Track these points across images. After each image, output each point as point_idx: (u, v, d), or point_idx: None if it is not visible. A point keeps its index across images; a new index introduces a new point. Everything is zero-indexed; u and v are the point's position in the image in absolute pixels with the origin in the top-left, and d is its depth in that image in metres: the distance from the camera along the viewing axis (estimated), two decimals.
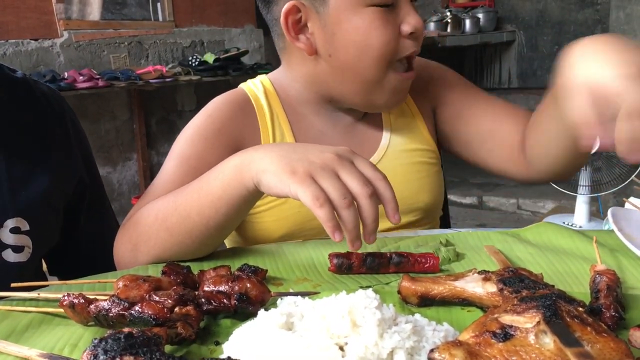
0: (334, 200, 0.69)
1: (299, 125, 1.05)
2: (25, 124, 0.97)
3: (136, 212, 0.90)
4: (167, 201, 0.86)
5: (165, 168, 0.98)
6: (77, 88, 3.48)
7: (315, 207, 0.69)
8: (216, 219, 0.82)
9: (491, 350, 0.50)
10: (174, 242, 0.83)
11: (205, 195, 0.81)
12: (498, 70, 6.00)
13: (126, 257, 0.87)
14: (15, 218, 0.92)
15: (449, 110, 1.11)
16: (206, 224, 0.82)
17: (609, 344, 0.49)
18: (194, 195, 0.83)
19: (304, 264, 0.84)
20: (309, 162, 0.73)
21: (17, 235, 0.92)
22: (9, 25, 3.50)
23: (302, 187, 0.70)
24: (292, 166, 0.72)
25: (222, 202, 0.80)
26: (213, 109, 1.03)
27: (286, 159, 0.74)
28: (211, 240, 0.85)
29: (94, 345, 0.51)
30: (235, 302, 0.65)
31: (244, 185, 0.78)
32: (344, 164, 0.73)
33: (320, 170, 0.71)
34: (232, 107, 1.03)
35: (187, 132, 1.01)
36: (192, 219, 0.82)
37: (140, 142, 4.20)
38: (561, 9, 5.55)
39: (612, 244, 0.85)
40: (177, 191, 0.87)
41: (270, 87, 1.07)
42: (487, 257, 0.82)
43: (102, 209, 1.12)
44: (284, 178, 0.72)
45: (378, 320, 0.54)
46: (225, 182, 0.80)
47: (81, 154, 1.05)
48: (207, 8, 4.57)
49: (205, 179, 0.83)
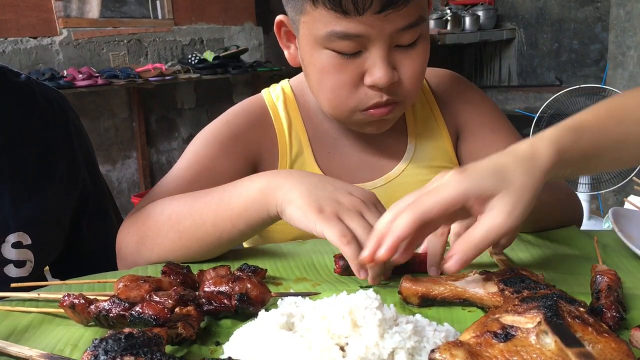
0: (361, 237, 0.70)
1: (317, 134, 1.03)
2: (28, 133, 0.95)
3: (147, 205, 0.89)
4: (183, 204, 0.85)
5: (177, 166, 0.98)
6: (77, 86, 3.49)
7: (342, 245, 0.70)
8: (231, 234, 0.83)
9: (492, 351, 0.50)
10: (182, 245, 0.84)
11: (224, 210, 0.82)
12: (498, 68, 6.00)
13: (130, 248, 0.87)
14: (17, 233, 0.90)
15: (471, 141, 1.05)
16: (219, 236, 0.83)
17: (610, 344, 0.49)
18: (212, 206, 0.83)
19: (303, 264, 0.84)
20: (337, 202, 0.74)
21: (19, 249, 0.90)
22: (8, 23, 3.50)
23: (328, 226, 0.71)
24: (320, 204, 0.74)
25: (240, 220, 0.81)
26: (231, 116, 1.02)
27: (314, 195, 0.75)
28: (219, 249, 0.86)
29: (94, 345, 0.51)
30: (236, 303, 0.65)
31: (267, 210, 0.79)
32: (370, 209, 0.74)
33: (347, 211, 0.73)
34: (249, 117, 1.02)
35: (203, 135, 1.01)
36: (205, 228, 0.82)
37: (140, 140, 4.20)
38: (561, 6, 5.55)
39: (612, 244, 0.85)
40: (194, 196, 0.86)
41: (290, 94, 1.05)
42: (487, 258, 0.82)
43: (105, 211, 1.10)
44: (310, 215, 0.73)
45: (379, 320, 0.54)
46: (248, 202, 0.80)
47: (84, 158, 1.04)
48: (206, 6, 4.57)
49: (226, 193, 0.83)
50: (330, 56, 0.86)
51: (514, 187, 0.61)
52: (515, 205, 0.61)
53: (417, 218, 0.60)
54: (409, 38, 0.85)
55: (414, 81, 0.89)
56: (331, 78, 0.87)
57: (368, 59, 0.85)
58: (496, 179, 0.62)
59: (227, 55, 4.34)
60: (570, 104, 2.92)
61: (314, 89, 0.94)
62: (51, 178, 0.95)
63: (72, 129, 1.02)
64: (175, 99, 4.49)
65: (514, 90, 5.84)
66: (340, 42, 0.83)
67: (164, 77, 3.92)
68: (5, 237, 0.89)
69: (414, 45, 0.86)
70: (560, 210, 0.95)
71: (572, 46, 5.58)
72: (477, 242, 0.60)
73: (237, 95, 4.81)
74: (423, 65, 0.89)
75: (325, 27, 0.83)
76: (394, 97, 0.88)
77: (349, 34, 0.82)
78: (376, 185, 1.02)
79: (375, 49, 0.84)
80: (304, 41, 0.89)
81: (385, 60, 0.84)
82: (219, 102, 4.65)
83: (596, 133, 0.71)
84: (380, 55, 0.84)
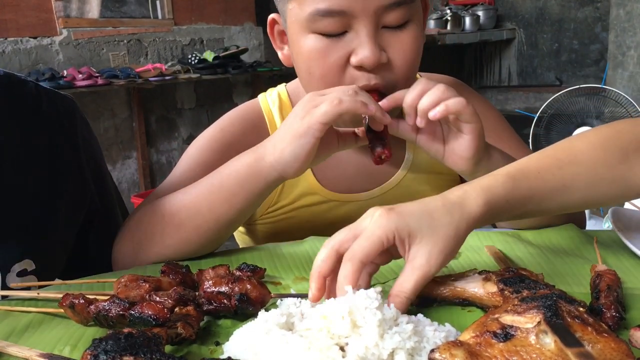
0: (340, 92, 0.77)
1: None
2: (33, 149, 0.89)
3: (141, 210, 0.90)
4: (174, 200, 0.87)
5: (174, 174, 0.99)
6: (76, 86, 3.48)
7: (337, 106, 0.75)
8: (228, 214, 0.84)
9: (492, 351, 0.50)
10: (180, 238, 0.84)
11: (218, 193, 0.83)
12: (498, 68, 6.00)
13: (127, 257, 0.87)
14: (22, 261, 0.86)
15: None
16: (217, 219, 0.84)
17: (609, 344, 0.49)
18: (204, 193, 0.85)
19: (302, 262, 0.84)
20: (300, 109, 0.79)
21: (24, 277, 0.86)
22: (8, 23, 3.50)
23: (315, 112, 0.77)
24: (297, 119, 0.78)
25: (238, 198, 0.83)
26: (226, 123, 1.03)
27: (289, 123, 0.80)
28: (218, 235, 0.86)
29: (94, 345, 0.51)
30: (236, 303, 0.65)
31: (264, 179, 0.82)
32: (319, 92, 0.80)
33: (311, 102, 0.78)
34: (244, 124, 1.02)
35: (199, 142, 1.01)
36: (202, 214, 0.84)
37: (140, 140, 4.20)
38: (561, 6, 5.55)
39: (612, 244, 0.85)
40: (183, 191, 0.87)
41: (286, 100, 1.04)
42: (487, 258, 0.82)
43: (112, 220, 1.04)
44: (302, 131, 0.77)
45: (379, 320, 0.54)
46: (241, 179, 0.83)
47: (92, 172, 0.98)
48: (206, 6, 4.57)
49: (216, 177, 0.85)
50: (316, 40, 0.84)
51: (437, 236, 0.63)
52: (438, 255, 0.63)
53: (357, 268, 0.62)
54: (396, 18, 0.83)
55: (405, 66, 0.86)
56: (319, 64, 0.85)
57: (354, 39, 0.83)
58: (422, 224, 0.63)
59: (227, 55, 4.34)
60: (570, 104, 2.92)
61: (304, 82, 0.93)
62: (58, 201, 0.91)
63: (81, 142, 0.97)
64: (175, 99, 4.49)
65: (514, 90, 5.84)
66: (325, 21, 0.82)
67: (164, 77, 3.92)
68: (11, 267, 0.85)
69: (403, 27, 0.85)
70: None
71: (572, 46, 5.59)
72: (409, 294, 0.62)
73: (237, 95, 4.81)
74: (414, 51, 0.87)
75: (309, 7, 0.83)
76: (382, 82, 0.85)
77: (332, 11, 0.81)
78: (373, 195, 1.01)
79: (361, 27, 0.82)
80: (292, 30, 0.88)
81: (372, 39, 0.82)
82: (219, 102, 4.66)
83: (536, 179, 0.71)
84: (366, 34, 0.82)
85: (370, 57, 0.82)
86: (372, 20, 0.82)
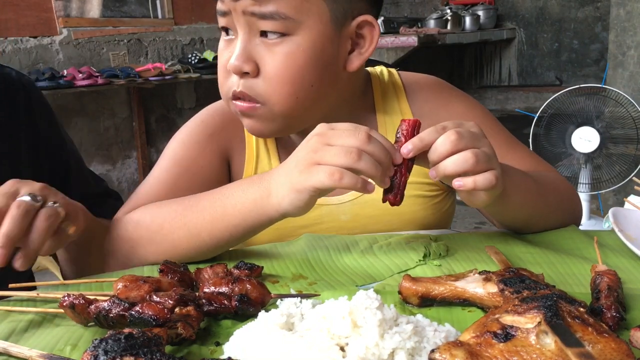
0: (344, 164, 0.71)
1: (283, 140, 1.01)
2: None
3: (132, 212, 0.89)
4: (174, 213, 0.85)
5: (157, 169, 0.98)
6: (77, 86, 3.49)
7: (337, 182, 0.71)
8: (229, 241, 0.84)
9: (492, 351, 0.50)
10: (177, 253, 0.83)
11: (220, 221, 0.82)
12: (498, 67, 6.00)
13: (120, 255, 0.87)
14: None
15: None
16: (216, 244, 0.84)
17: (610, 345, 0.49)
18: (205, 217, 0.83)
19: (299, 261, 0.84)
20: (302, 158, 0.75)
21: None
22: (8, 22, 3.50)
23: (313, 176, 0.73)
24: (297, 169, 0.75)
25: (238, 229, 0.82)
26: (206, 115, 1.03)
27: (295, 172, 0.75)
28: (216, 253, 0.86)
29: (94, 345, 0.51)
30: (236, 303, 0.65)
31: (267, 216, 0.80)
32: (328, 134, 0.74)
33: (314, 153, 0.74)
34: (223, 116, 1.01)
35: (179, 136, 1.01)
36: (201, 238, 0.83)
37: (140, 140, 4.20)
38: (561, 6, 5.55)
39: (612, 244, 0.85)
40: (184, 204, 0.86)
41: None
42: (487, 258, 0.82)
43: None
44: (302, 189, 0.74)
45: (379, 320, 0.54)
46: (244, 213, 0.81)
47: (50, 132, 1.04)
48: (206, 5, 4.56)
49: (219, 204, 0.82)
50: (222, 38, 0.90)
51: None
52: None
53: None
54: (270, 28, 0.83)
55: (274, 80, 0.85)
56: (219, 60, 0.90)
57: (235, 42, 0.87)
58: None
59: None
60: (570, 104, 2.92)
61: None
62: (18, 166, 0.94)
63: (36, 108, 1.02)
64: (175, 98, 4.49)
65: (514, 90, 5.84)
66: (220, 20, 0.88)
67: (164, 77, 3.91)
68: None
69: (280, 43, 0.84)
70: (561, 213, 0.95)
71: (572, 46, 5.58)
72: None
73: None
74: (286, 69, 0.85)
75: None
76: (247, 91, 0.86)
77: (220, 10, 0.87)
78: (342, 200, 0.99)
79: (239, 31, 0.85)
80: None
81: (241, 45, 0.85)
82: None
83: None
84: (239, 39, 0.85)
85: (232, 63, 0.85)
86: (244, 26, 0.85)
